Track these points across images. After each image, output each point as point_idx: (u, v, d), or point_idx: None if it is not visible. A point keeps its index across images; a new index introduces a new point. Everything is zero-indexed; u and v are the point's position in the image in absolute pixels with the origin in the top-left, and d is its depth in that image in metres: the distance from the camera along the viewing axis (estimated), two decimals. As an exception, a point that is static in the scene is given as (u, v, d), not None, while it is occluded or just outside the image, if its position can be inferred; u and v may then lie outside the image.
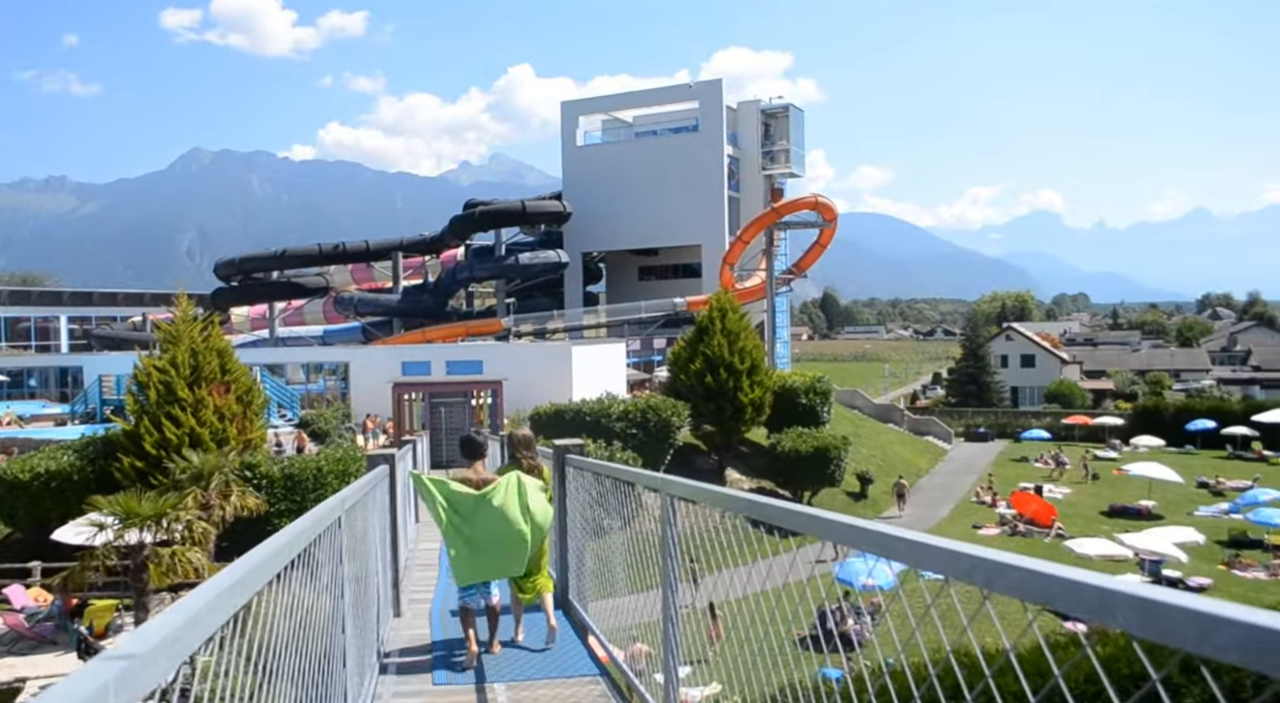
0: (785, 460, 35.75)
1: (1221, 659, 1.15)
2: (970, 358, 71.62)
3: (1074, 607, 1.40)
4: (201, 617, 1.56)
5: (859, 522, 2.16)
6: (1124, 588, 1.31)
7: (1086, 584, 1.38)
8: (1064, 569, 1.46)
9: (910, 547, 1.90)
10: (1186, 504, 38.71)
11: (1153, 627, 1.25)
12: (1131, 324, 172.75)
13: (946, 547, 1.76)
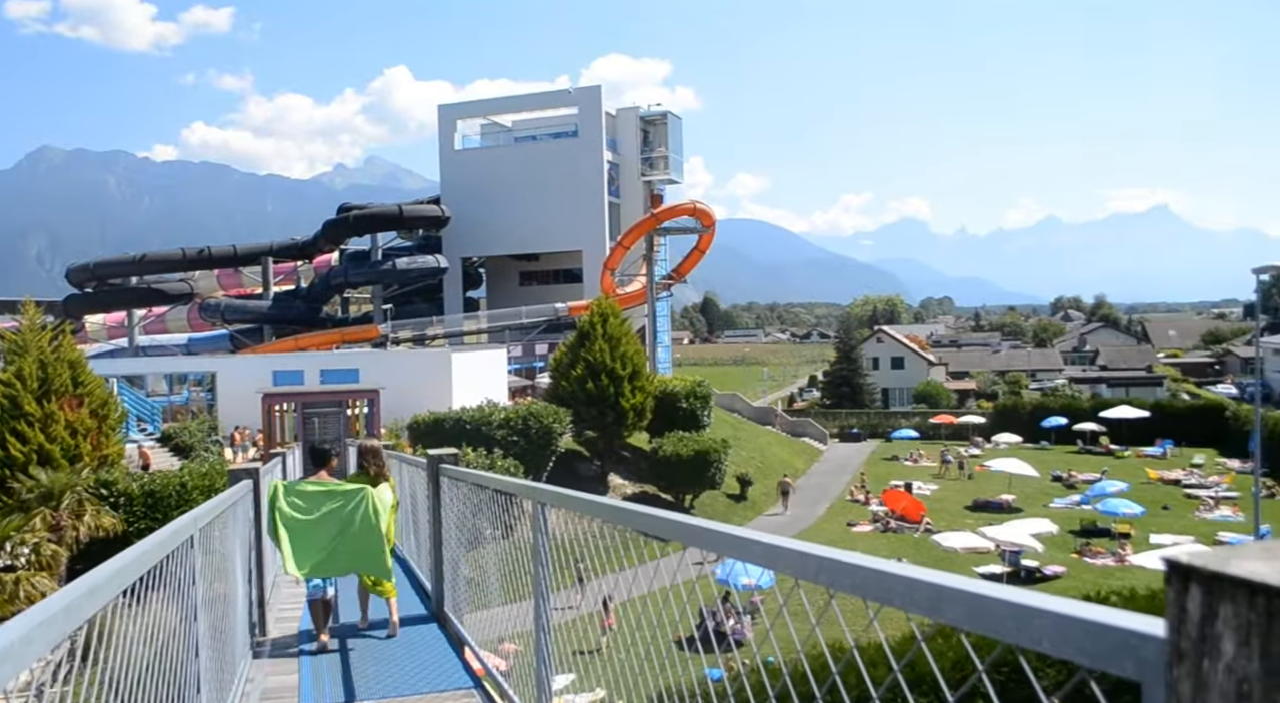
0: (667, 464, 36.11)
1: (1036, 649, 1.22)
2: (844, 360, 73.93)
3: (910, 604, 1.45)
4: (15, 650, 1.46)
5: (716, 526, 2.20)
6: (953, 584, 1.36)
7: (921, 581, 1.43)
8: (901, 568, 1.51)
9: (765, 549, 1.94)
10: (1042, 497, 40.95)
11: (979, 620, 1.31)
12: (992, 327, 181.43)
13: (796, 548, 1.81)
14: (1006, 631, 1.26)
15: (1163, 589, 0.96)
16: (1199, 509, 37.32)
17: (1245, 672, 0.85)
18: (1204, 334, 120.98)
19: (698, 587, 17.98)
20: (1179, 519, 35.65)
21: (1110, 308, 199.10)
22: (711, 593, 22.95)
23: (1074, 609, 1.17)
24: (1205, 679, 0.90)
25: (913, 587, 1.45)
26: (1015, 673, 11.33)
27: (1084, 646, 1.15)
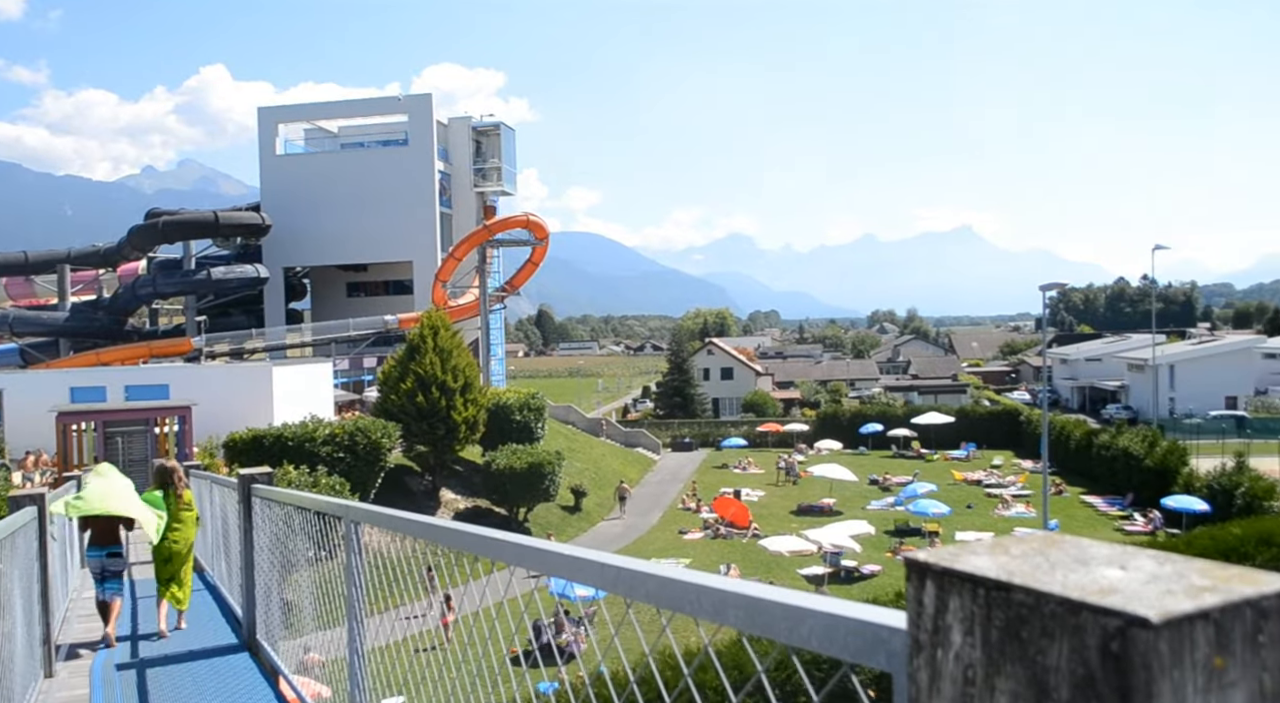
0: (500, 478, 35.72)
1: (807, 648, 1.28)
2: (676, 372, 75.44)
3: (699, 611, 1.50)
4: None
5: (520, 539, 2.20)
6: (733, 589, 1.42)
7: (705, 588, 1.48)
8: (691, 575, 1.56)
9: (567, 561, 1.96)
10: (861, 499, 43.09)
11: (756, 623, 1.37)
12: (815, 338, 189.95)
13: (595, 560, 1.83)
14: (780, 632, 1.32)
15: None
16: (998, 507, 40.23)
17: (970, 659, 0.91)
18: (1002, 346, 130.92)
19: (537, 598, 17.88)
20: (981, 517, 38.34)
21: (921, 321, 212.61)
22: (549, 606, 22.84)
23: (838, 609, 1.24)
24: (939, 668, 0.96)
25: (699, 594, 1.50)
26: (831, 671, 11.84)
27: (847, 642, 1.22)
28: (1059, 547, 1.05)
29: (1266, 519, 25.75)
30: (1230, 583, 0.88)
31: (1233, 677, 0.84)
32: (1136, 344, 78.51)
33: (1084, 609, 0.81)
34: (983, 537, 23.56)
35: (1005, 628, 0.88)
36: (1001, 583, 0.89)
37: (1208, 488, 33.26)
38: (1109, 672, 0.80)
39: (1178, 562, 0.98)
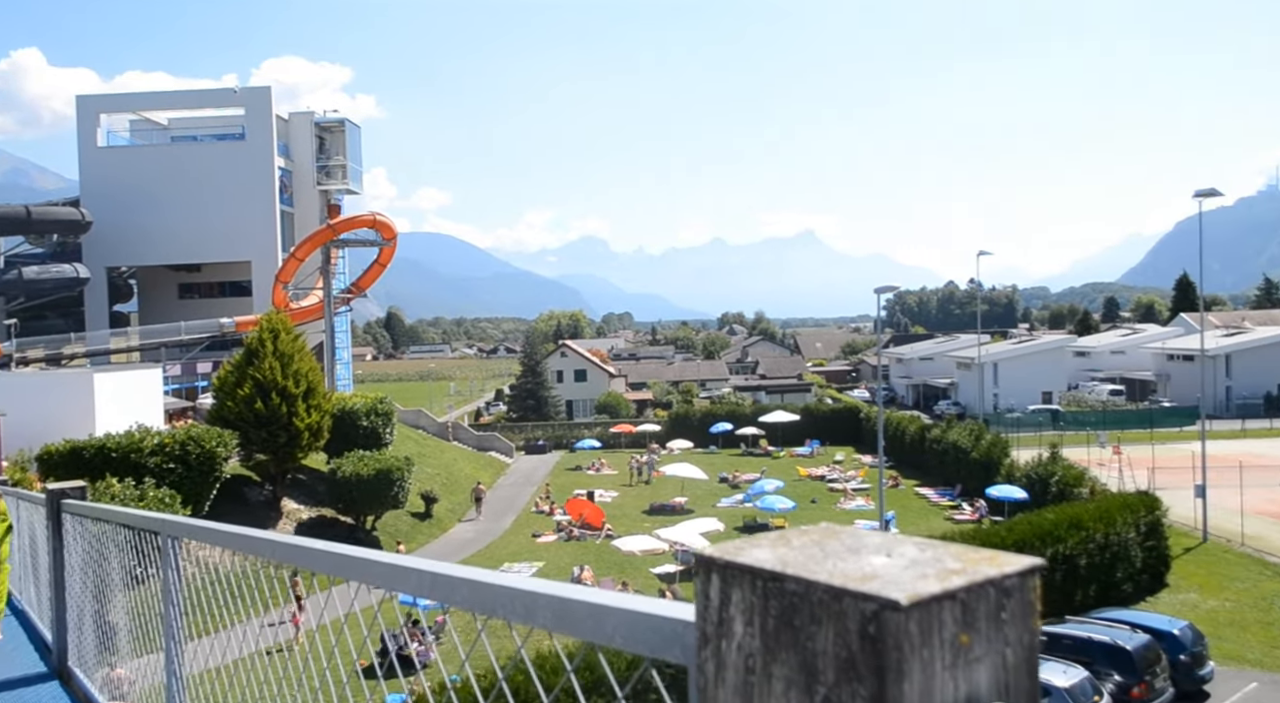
0: (346, 486, 34.58)
1: (611, 645, 1.31)
2: (529, 374, 75.02)
3: (511, 614, 1.50)
4: None
5: (341, 549, 2.14)
6: (543, 590, 1.43)
7: (517, 590, 1.48)
8: (501, 578, 1.56)
9: (385, 570, 1.92)
10: (711, 497, 44.04)
11: (564, 623, 1.39)
12: (667, 340, 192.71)
13: (413, 567, 1.80)
14: (586, 630, 1.34)
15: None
16: (840, 501, 41.98)
17: (750, 648, 0.95)
18: (844, 346, 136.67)
19: (396, 607, 17.34)
20: (824, 512, 39.87)
21: (768, 323, 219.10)
22: (394, 617, 22.25)
23: (639, 605, 1.27)
24: (723, 658, 0.98)
25: (510, 597, 1.50)
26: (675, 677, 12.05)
27: (647, 638, 1.25)
28: (836, 537, 1.11)
29: (1076, 505, 27.93)
30: (978, 565, 0.93)
31: (978, 653, 0.90)
32: (964, 344, 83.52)
33: (846, 595, 0.86)
34: (824, 530, 24.70)
35: (780, 617, 0.91)
36: (776, 574, 0.92)
37: (1026, 477, 35.70)
38: (867, 653, 0.84)
39: (937, 548, 1.06)
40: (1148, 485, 34.18)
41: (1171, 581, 27.34)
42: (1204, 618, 23.52)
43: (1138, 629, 19.59)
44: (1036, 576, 0.98)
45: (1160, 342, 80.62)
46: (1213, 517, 31.90)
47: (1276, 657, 21.25)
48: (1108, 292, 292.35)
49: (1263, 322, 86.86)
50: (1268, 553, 29.46)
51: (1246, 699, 19.13)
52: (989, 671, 0.91)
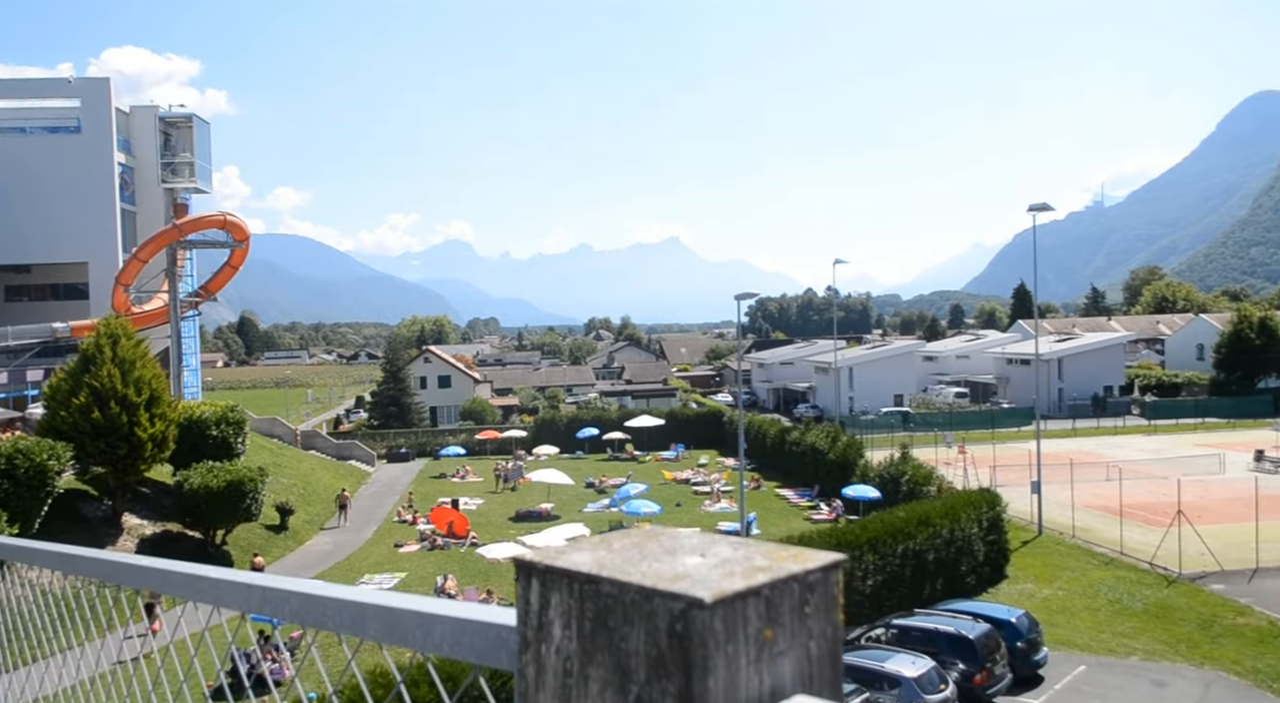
0: (194, 499, 32.84)
1: (440, 654, 1.29)
2: (392, 381, 73.14)
3: (340, 626, 1.47)
4: None
5: (163, 564, 2.04)
6: (370, 600, 1.40)
7: (346, 601, 1.45)
8: (334, 590, 1.52)
9: (211, 585, 1.85)
10: (578, 503, 44.03)
11: (394, 633, 1.36)
12: (534, 345, 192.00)
13: (242, 581, 1.74)
14: (415, 640, 1.32)
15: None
16: (705, 503, 42.71)
17: (568, 651, 0.96)
18: (708, 351, 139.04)
19: (249, 626, 16.51)
20: (689, 514, 40.50)
21: (635, 328, 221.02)
22: (247, 634, 21.28)
23: (466, 612, 1.27)
24: (543, 662, 0.99)
25: (339, 608, 1.47)
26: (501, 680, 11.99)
27: (474, 645, 1.24)
28: (656, 539, 1.14)
29: (925, 503, 29.33)
30: (784, 562, 0.97)
31: (782, 646, 0.92)
32: (822, 349, 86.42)
33: (656, 595, 0.88)
34: (690, 532, 25.43)
35: (596, 619, 0.92)
36: (593, 576, 0.93)
37: (880, 477, 37.24)
38: (675, 650, 0.86)
39: (750, 547, 1.10)
40: (989, 483, 36.28)
41: (1011, 572, 29.03)
42: (1039, 606, 25.09)
43: (980, 619, 20.74)
44: (839, 571, 1.03)
45: (1000, 347, 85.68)
46: (1047, 511, 34.07)
47: (1102, 641, 22.86)
48: (954, 299, 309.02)
49: (1090, 328, 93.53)
50: (1095, 544, 31.67)
51: (1076, 681, 20.50)
52: (793, 663, 0.93)
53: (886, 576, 24.76)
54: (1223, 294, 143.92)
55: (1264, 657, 21.18)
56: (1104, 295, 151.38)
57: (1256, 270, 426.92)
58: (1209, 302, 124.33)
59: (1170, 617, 24.19)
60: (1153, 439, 57.38)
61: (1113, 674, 20.71)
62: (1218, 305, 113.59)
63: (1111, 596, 26.18)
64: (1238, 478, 41.00)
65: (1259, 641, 22.21)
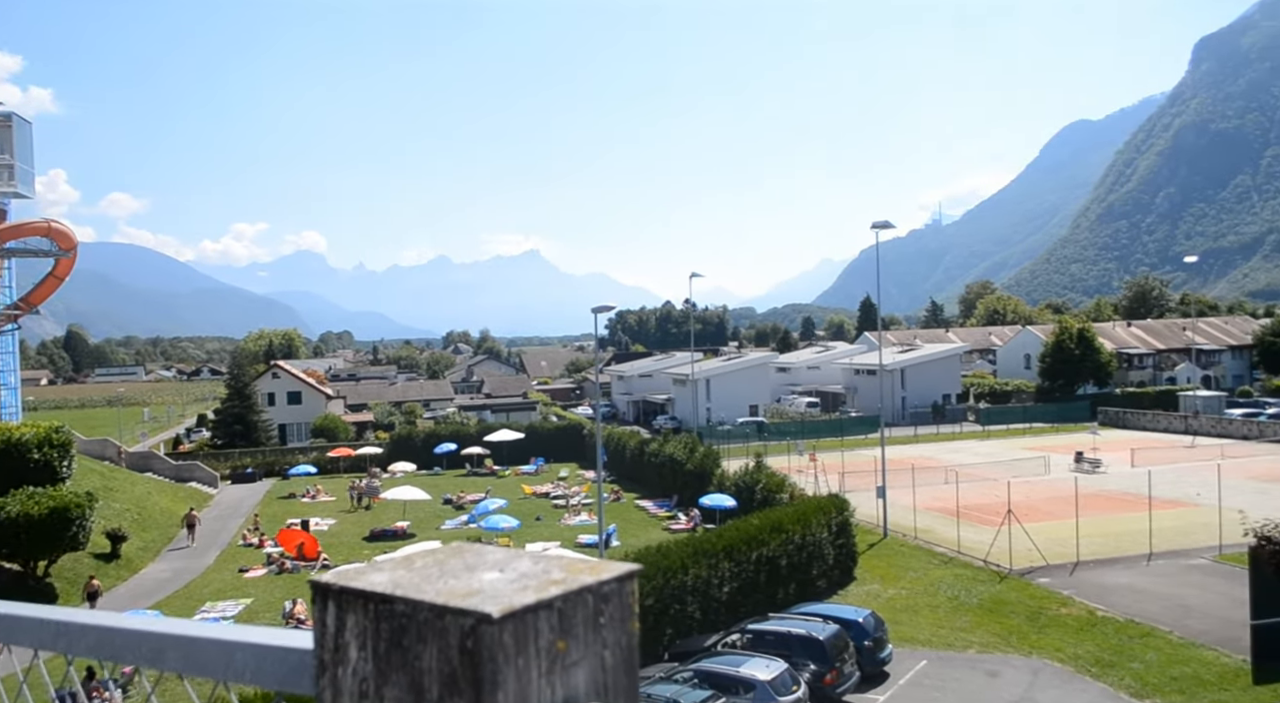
0: (13, 528, 30.34)
1: (243, 683, 1.26)
2: (237, 397, 69.69)
3: (139, 658, 1.40)
4: None
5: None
6: (169, 629, 1.35)
7: (144, 633, 1.39)
8: (133, 621, 1.45)
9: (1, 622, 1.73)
10: (435, 520, 43.14)
11: (195, 663, 1.32)
12: (390, 359, 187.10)
13: (34, 616, 1.64)
14: (216, 669, 1.28)
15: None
16: (565, 517, 42.60)
17: (364, 673, 0.96)
18: (568, 364, 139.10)
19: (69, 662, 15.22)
20: (549, 528, 40.29)
21: (494, 341, 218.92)
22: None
23: (267, 637, 1.24)
24: (340, 686, 0.99)
25: (138, 640, 1.41)
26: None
27: (276, 671, 1.22)
28: (460, 556, 1.15)
29: (777, 510, 30.19)
30: (580, 575, 0.99)
31: (575, 657, 0.94)
32: (680, 361, 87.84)
33: (448, 612, 0.88)
34: (549, 546, 24.85)
35: (390, 639, 0.93)
36: (387, 596, 0.93)
37: (735, 486, 38.08)
38: (466, 666, 0.87)
39: (550, 561, 1.12)
40: (838, 489, 37.71)
41: (858, 574, 30.23)
42: (884, 606, 26.22)
43: (829, 621, 21.50)
44: (633, 581, 1.07)
45: (848, 358, 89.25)
46: (891, 514, 35.67)
47: (942, 636, 24.08)
48: (805, 312, 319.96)
49: (930, 339, 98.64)
50: (935, 544, 33.37)
51: (918, 675, 21.51)
52: (587, 673, 0.95)
53: (742, 582, 25.33)
54: (1047, 307, 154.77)
55: (1083, 644, 22.80)
56: (942, 308, 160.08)
57: (1076, 285, 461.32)
58: (1035, 314, 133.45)
59: (1002, 610, 25.72)
60: (986, 444, 60.97)
61: (952, 667, 21.84)
62: (1042, 318, 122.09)
63: (950, 593, 27.62)
64: (1060, 478, 44.06)
65: (1079, 629, 23.90)
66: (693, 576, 23.71)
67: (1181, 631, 23.41)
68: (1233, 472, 42.04)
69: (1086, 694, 20.00)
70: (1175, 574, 28.47)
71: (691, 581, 23.63)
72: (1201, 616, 24.48)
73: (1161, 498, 35.26)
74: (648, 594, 22.25)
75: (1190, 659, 21.59)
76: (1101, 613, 25.00)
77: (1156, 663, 21.42)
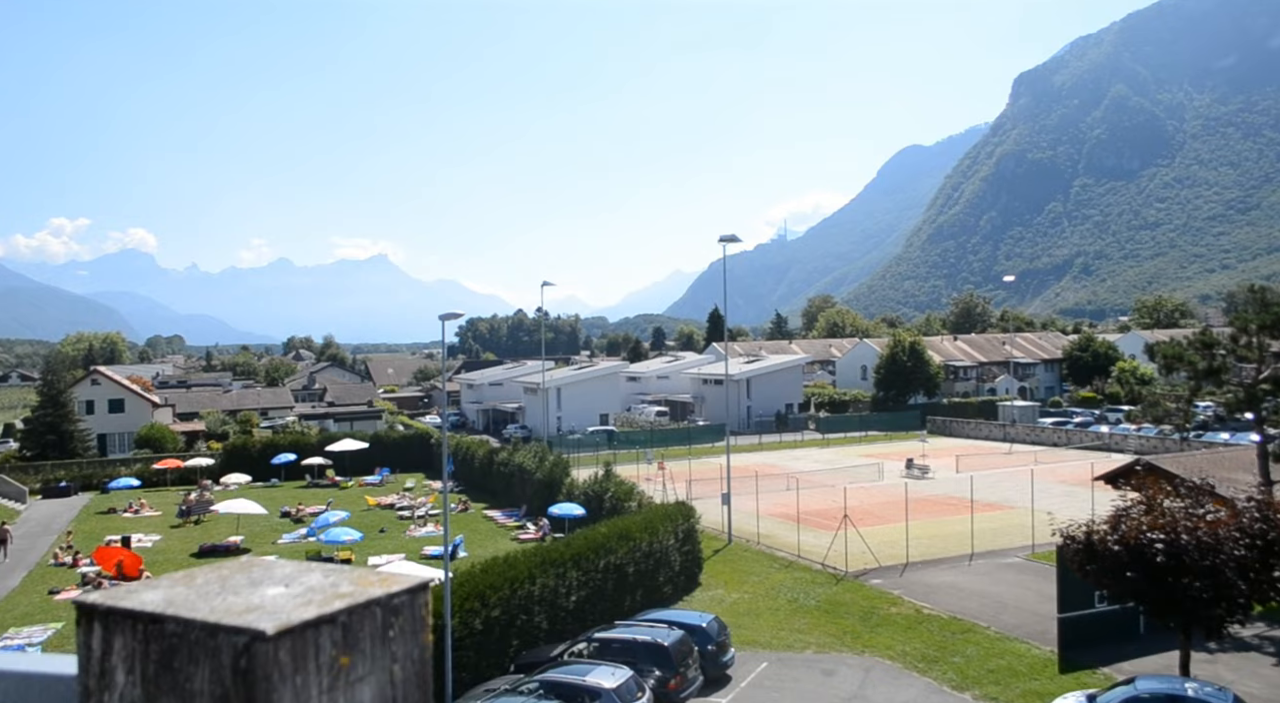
0: None
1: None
2: (50, 405, 64.57)
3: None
4: None
5: None
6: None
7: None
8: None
9: None
10: (272, 534, 41.25)
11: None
12: (225, 366, 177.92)
13: None
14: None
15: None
16: (410, 528, 41.56)
17: (132, 697, 0.93)
18: (416, 372, 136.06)
19: None
20: (393, 540, 39.21)
21: (338, 347, 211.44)
22: None
23: (31, 664, 1.16)
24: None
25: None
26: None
27: (42, 699, 1.14)
28: (247, 571, 1.11)
29: (626, 518, 30.44)
30: (369, 587, 0.98)
31: (361, 672, 0.93)
32: (531, 369, 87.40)
33: (220, 631, 0.86)
34: (393, 559, 24.14)
35: (160, 661, 0.90)
36: (158, 616, 0.91)
37: (585, 495, 38.18)
38: (239, 687, 0.84)
39: (340, 574, 1.10)
40: (686, 496, 38.39)
41: (704, 580, 30.84)
42: (728, 610, 26.84)
43: (674, 627, 21.81)
44: (426, 593, 1.06)
45: (697, 368, 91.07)
46: (736, 520, 36.59)
47: (782, 638, 24.86)
48: (656, 322, 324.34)
49: (775, 351, 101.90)
50: (777, 549, 34.43)
51: (759, 677, 22.11)
52: (374, 688, 0.94)
53: (590, 590, 25.38)
54: (883, 321, 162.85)
55: (911, 641, 24.03)
56: (786, 321, 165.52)
57: (909, 301, 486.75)
58: (871, 328, 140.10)
59: (838, 611, 26.80)
60: (826, 451, 63.46)
61: (790, 668, 22.57)
62: (878, 331, 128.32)
63: (790, 596, 28.56)
64: (893, 484, 46.36)
65: (907, 627, 25.18)
66: (540, 585, 23.58)
67: (998, 626, 25.03)
68: (1044, 476, 45.37)
69: (913, 689, 21.07)
70: (993, 572, 30.42)
71: (539, 590, 23.50)
72: (1015, 611, 26.25)
73: (982, 502, 37.64)
74: (494, 605, 21.97)
75: (1005, 652, 23.10)
76: (927, 611, 26.42)
77: (976, 657, 22.80)
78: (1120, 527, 18.50)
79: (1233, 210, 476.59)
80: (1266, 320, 30.16)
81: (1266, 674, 21.47)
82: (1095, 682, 20.75)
